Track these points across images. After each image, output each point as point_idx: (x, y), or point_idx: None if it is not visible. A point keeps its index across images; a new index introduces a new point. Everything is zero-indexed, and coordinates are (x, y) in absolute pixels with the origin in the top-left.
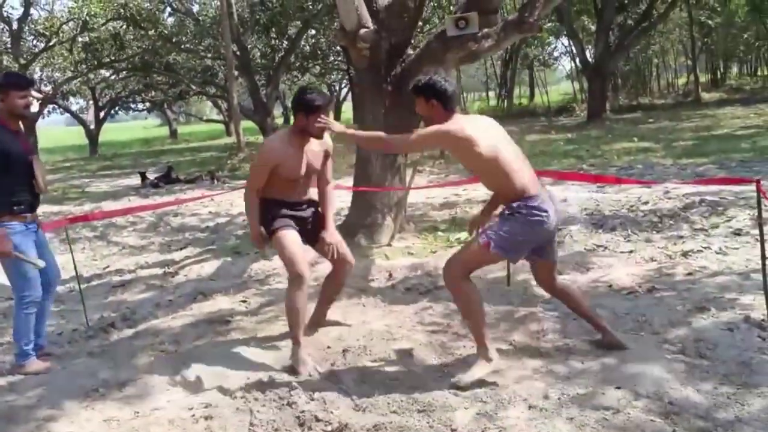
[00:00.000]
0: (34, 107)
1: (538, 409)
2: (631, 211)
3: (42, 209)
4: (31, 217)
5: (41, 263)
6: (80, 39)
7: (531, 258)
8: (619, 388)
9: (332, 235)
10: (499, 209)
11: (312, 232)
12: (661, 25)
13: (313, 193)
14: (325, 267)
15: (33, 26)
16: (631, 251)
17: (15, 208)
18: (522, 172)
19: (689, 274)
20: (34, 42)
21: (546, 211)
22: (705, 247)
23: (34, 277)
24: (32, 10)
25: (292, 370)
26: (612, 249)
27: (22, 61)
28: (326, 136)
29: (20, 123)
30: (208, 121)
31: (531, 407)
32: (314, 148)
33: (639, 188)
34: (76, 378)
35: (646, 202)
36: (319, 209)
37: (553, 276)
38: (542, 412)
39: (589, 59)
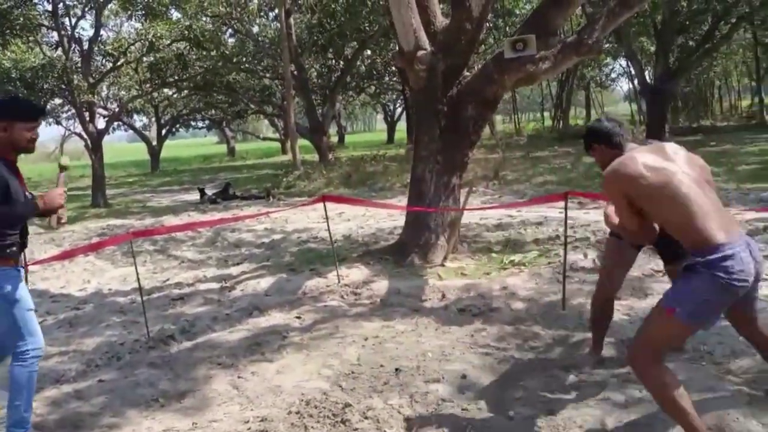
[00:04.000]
0: (101, 124)
1: None
2: None
3: (106, 222)
4: (20, 261)
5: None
6: (146, 59)
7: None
8: None
9: None
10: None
11: None
12: (724, 47)
13: None
14: None
15: (102, 47)
16: None
17: (8, 251)
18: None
19: None
20: (103, 62)
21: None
22: None
23: (38, 329)
24: (102, 32)
25: None
26: None
27: (91, 80)
28: None
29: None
30: (265, 139)
31: None
32: None
33: None
34: (137, 387)
35: None
36: None
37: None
38: None
39: (648, 81)
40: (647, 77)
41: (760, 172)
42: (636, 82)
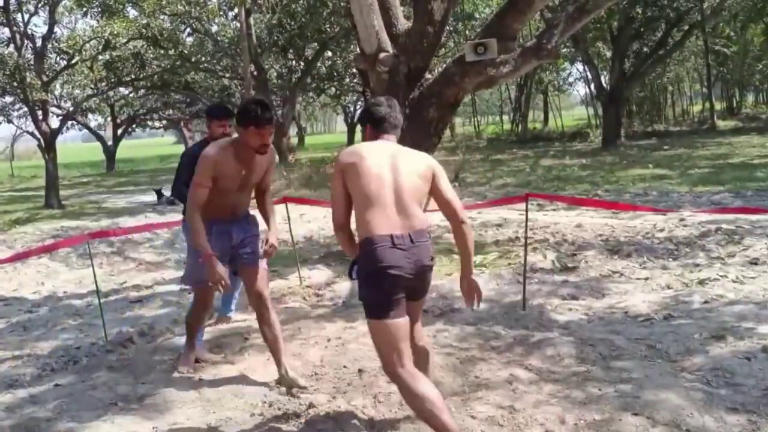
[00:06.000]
0: (55, 123)
1: None
2: (646, 238)
3: (60, 224)
4: None
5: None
6: (101, 57)
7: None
8: (636, 415)
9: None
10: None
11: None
12: (677, 53)
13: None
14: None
15: (56, 44)
16: (647, 278)
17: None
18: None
19: (706, 302)
20: (57, 59)
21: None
22: (722, 276)
23: None
24: (56, 29)
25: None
26: (628, 275)
27: (45, 78)
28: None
29: None
30: None
31: None
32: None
33: (654, 215)
34: (95, 391)
35: (662, 230)
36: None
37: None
38: None
39: (604, 85)
40: (603, 82)
41: (711, 176)
42: (592, 86)
